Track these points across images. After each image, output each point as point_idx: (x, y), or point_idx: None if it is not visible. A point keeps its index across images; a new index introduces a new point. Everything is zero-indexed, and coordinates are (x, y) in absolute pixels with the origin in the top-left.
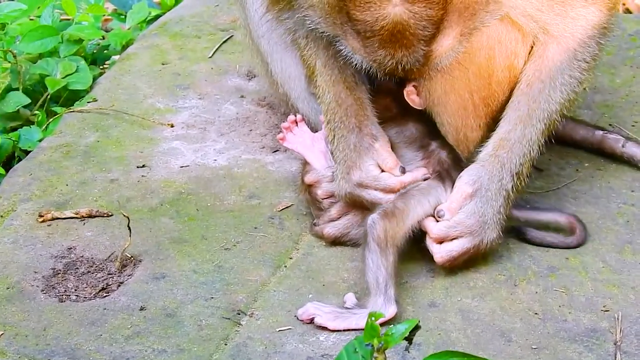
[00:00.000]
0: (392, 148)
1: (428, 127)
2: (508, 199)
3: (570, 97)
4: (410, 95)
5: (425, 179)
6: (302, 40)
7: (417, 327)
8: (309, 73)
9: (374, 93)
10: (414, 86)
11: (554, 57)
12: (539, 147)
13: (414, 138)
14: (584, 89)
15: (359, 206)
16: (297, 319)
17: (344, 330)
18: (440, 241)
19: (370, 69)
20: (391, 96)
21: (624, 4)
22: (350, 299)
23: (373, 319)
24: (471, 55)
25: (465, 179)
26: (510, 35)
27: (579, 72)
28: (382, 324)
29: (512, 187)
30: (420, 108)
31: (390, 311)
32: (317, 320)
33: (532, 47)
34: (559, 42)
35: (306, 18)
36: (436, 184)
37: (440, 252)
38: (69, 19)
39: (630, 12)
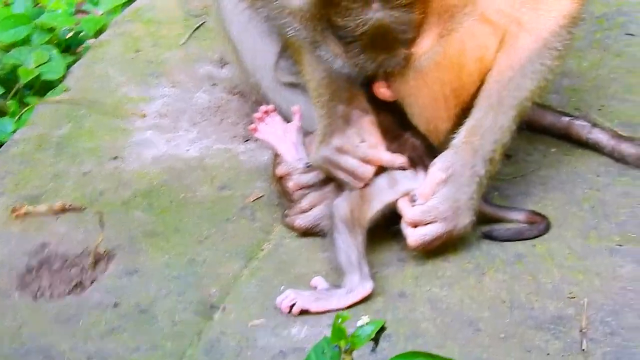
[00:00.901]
0: None
1: (399, 118)
2: (481, 185)
3: (541, 84)
4: (380, 88)
5: (401, 168)
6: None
7: (383, 328)
8: (295, 54)
9: None
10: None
11: (525, 46)
12: (511, 134)
13: (386, 129)
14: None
15: (333, 175)
16: (276, 307)
17: (326, 312)
18: (415, 225)
19: (351, 72)
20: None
21: None
22: (319, 282)
23: (340, 320)
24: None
25: (439, 165)
26: (481, 28)
27: (549, 60)
28: (361, 301)
29: (485, 173)
30: (389, 100)
31: (367, 287)
32: (299, 304)
33: (503, 38)
34: (530, 32)
35: (285, 25)
36: (409, 170)
37: (414, 236)
38: (42, 7)
39: None
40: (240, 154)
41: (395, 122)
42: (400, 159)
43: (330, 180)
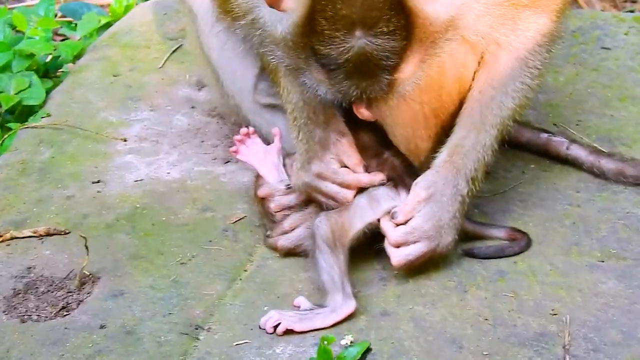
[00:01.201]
0: None
1: (380, 137)
2: (463, 204)
3: (522, 102)
4: (360, 109)
5: (381, 184)
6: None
7: (368, 349)
8: (272, 76)
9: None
10: None
11: (505, 64)
12: (493, 152)
13: (366, 147)
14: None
15: (314, 200)
16: (260, 327)
17: (310, 331)
18: (398, 245)
19: (335, 99)
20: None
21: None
22: (302, 302)
23: (325, 342)
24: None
25: (421, 184)
26: (460, 47)
27: (530, 78)
28: (344, 320)
29: (468, 192)
30: (370, 120)
31: (350, 306)
32: (284, 324)
33: (482, 57)
34: (510, 51)
35: (268, 53)
36: (389, 189)
37: (398, 256)
38: (21, 32)
39: (581, 7)
40: (221, 176)
41: (375, 141)
42: (379, 177)
43: (312, 201)
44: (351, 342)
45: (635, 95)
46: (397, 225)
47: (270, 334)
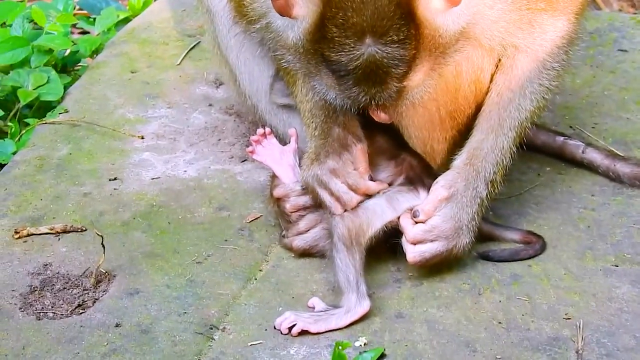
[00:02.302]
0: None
1: (396, 138)
2: (482, 207)
3: (540, 104)
4: (375, 111)
5: (400, 184)
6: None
7: (383, 355)
8: (287, 77)
9: None
10: None
11: (523, 67)
12: (511, 155)
13: (383, 149)
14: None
15: (316, 196)
16: (275, 328)
17: (326, 332)
18: (416, 243)
19: (344, 104)
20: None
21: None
22: (317, 303)
23: (340, 348)
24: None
25: (442, 183)
26: (476, 50)
27: (548, 80)
28: (358, 320)
29: (486, 195)
30: (385, 122)
31: (365, 306)
32: (299, 325)
33: (499, 60)
34: (527, 53)
35: (279, 57)
36: (407, 188)
37: (414, 252)
38: (39, 28)
39: (599, 7)
40: (237, 175)
41: (392, 143)
42: (381, 186)
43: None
44: (365, 344)
45: None
46: (417, 223)
47: (285, 334)
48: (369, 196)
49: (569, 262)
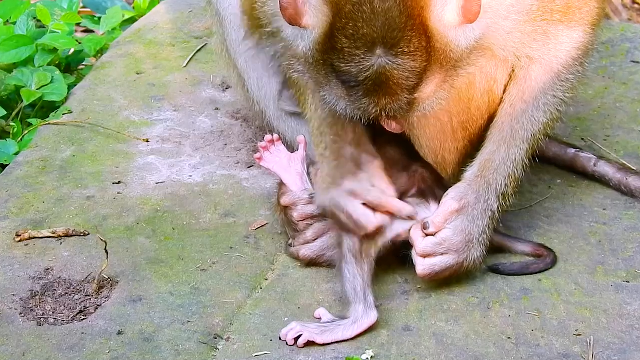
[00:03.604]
0: None
1: (407, 150)
2: (493, 220)
3: (554, 116)
4: (387, 122)
5: (409, 217)
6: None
7: None
8: (297, 92)
9: None
10: None
11: (537, 78)
12: (524, 167)
13: (395, 161)
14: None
15: (335, 220)
16: (281, 339)
17: (332, 343)
18: (426, 256)
19: (354, 115)
20: None
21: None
22: (324, 314)
23: None
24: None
25: (452, 195)
26: (490, 61)
27: (562, 92)
28: (365, 331)
29: (498, 207)
30: (397, 132)
31: (372, 317)
32: (306, 336)
33: (513, 70)
34: (542, 64)
35: (289, 66)
36: (418, 200)
37: (424, 265)
38: (44, 27)
39: (610, 18)
40: (243, 181)
41: (403, 154)
42: (410, 209)
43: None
44: (372, 357)
45: None
46: (427, 235)
47: (291, 345)
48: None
49: (579, 277)
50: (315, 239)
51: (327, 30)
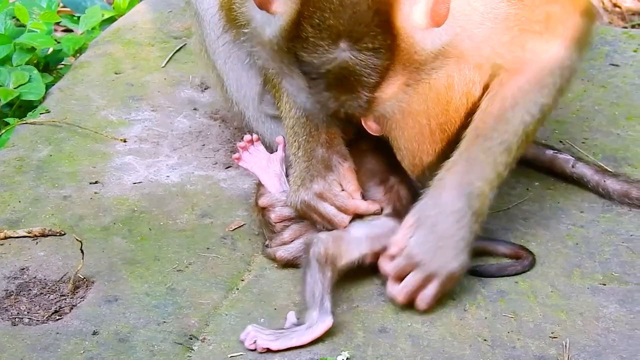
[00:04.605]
0: (359, 181)
1: (386, 158)
2: (471, 222)
3: (530, 127)
4: (367, 122)
5: (376, 213)
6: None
7: None
8: (273, 90)
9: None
10: None
11: (514, 87)
12: (502, 171)
13: (374, 172)
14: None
15: (308, 219)
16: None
17: (287, 350)
18: (400, 278)
19: (314, 109)
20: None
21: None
22: (290, 318)
23: None
24: (430, 82)
25: (412, 211)
26: (468, 64)
27: (541, 99)
28: (321, 337)
29: (476, 210)
30: (376, 134)
31: (327, 322)
32: (260, 343)
33: (490, 77)
34: (520, 75)
35: (255, 54)
36: (389, 220)
37: (398, 292)
38: (22, 26)
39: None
40: (221, 181)
41: (382, 166)
42: (375, 206)
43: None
44: (348, 358)
45: None
46: (393, 257)
47: (252, 350)
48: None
49: (556, 279)
50: (292, 241)
51: (294, 17)
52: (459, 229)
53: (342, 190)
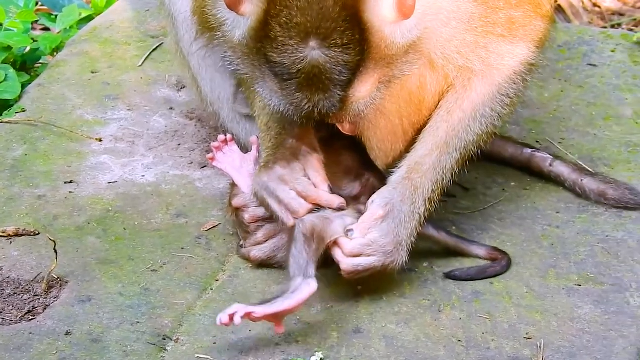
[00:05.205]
0: (332, 177)
1: (361, 156)
2: (420, 224)
3: (489, 130)
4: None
5: (340, 209)
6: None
7: None
8: (246, 89)
9: None
10: None
11: (477, 88)
12: (451, 175)
13: (349, 169)
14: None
15: (265, 207)
16: (219, 324)
17: (272, 315)
18: (353, 256)
19: (287, 112)
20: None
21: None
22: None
23: None
24: (402, 82)
25: (378, 202)
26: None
27: (501, 106)
28: (306, 301)
29: (424, 212)
30: (350, 134)
31: (312, 285)
32: (243, 310)
33: (452, 78)
34: (483, 75)
35: (226, 59)
36: (347, 210)
37: (348, 264)
38: None
39: (569, 19)
40: (196, 181)
41: (356, 162)
42: (339, 200)
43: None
44: (321, 359)
45: (619, 114)
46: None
47: (226, 324)
48: (320, 207)
49: (531, 280)
50: (266, 240)
51: (262, 17)
52: (414, 228)
53: (306, 177)
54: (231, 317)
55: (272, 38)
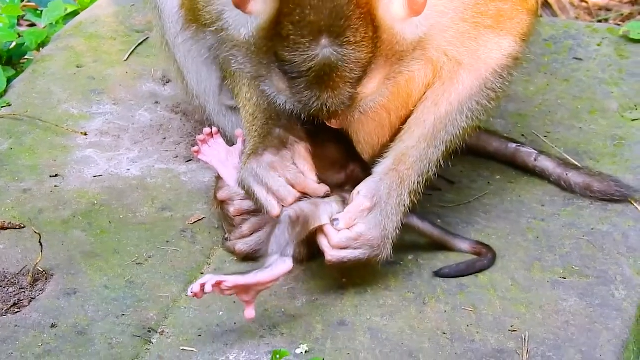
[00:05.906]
0: (318, 168)
1: (346, 147)
2: (404, 216)
3: (475, 123)
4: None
5: (325, 196)
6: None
7: None
8: (232, 82)
9: None
10: None
11: (464, 82)
12: (436, 168)
13: (334, 160)
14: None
15: (251, 197)
16: (190, 294)
17: (242, 286)
18: (339, 249)
19: (294, 109)
20: None
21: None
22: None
23: (278, 356)
24: None
25: (364, 192)
26: (429, 56)
27: (487, 100)
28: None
29: (409, 204)
30: (336, 127)
31: (288, 263)
32: (214, 279)
33: (441, 69)
34: (471, 68)
35: (230, 58)
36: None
37: (332, 256)
38: None
39: (555, 14)
40: (181, 175)
41: (342, 153)
42: (324, 189)
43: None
44: (306, 351)
45: (605, 108)
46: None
47: (198, 296)
48: (306, 196)
49: (516, 272)
50: (252, 234)
51: (273, 15)
52: (400, 220)
53: (294, 165)
54: (202, 286)
55: (284, 36)
